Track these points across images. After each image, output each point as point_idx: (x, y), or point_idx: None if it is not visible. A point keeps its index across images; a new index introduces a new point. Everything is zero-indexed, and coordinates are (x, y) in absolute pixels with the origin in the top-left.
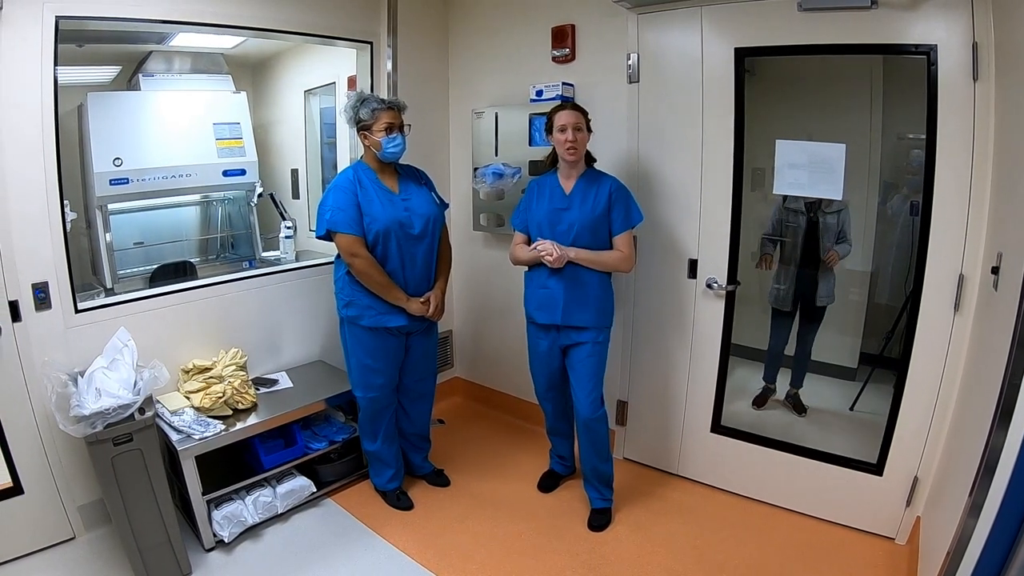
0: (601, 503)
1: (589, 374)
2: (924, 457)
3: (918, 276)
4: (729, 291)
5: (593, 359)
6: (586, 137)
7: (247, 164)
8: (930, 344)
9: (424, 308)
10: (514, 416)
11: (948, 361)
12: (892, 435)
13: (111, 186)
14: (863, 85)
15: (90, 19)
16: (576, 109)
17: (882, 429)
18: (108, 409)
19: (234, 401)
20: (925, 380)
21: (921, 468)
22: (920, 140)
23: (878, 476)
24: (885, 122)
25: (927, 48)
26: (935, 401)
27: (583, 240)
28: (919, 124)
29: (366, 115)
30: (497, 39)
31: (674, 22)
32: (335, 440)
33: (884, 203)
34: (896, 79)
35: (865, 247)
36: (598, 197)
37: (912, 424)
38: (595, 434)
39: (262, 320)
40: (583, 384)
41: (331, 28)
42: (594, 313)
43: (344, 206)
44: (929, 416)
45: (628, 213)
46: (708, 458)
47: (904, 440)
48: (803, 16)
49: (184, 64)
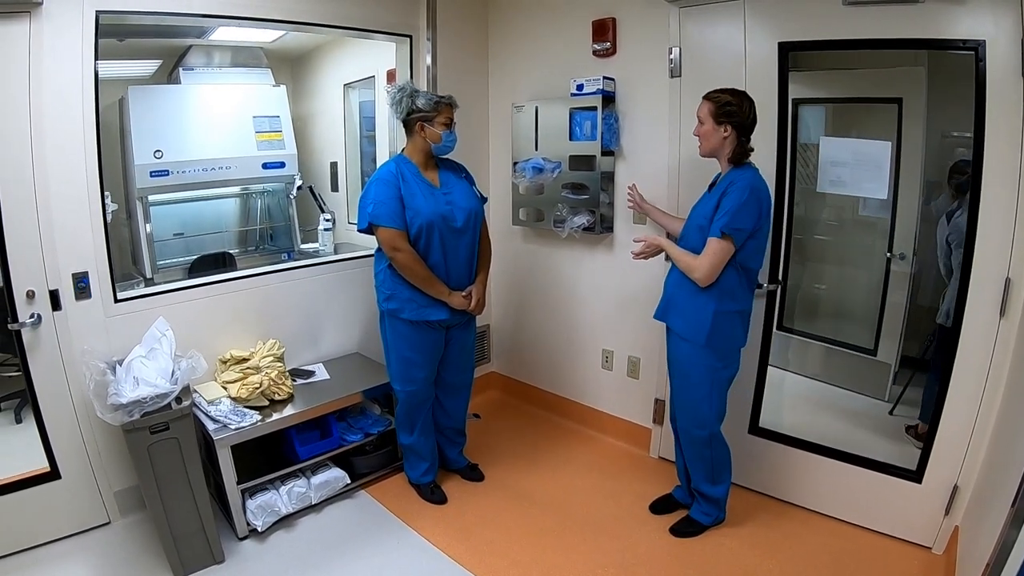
0: (698, 514)
1: (680, 386)
2: (965, 465)
3: (963, 279)
4: (770, 290)
5: (686, 375)
6: (711, 130)
7: (286, 157)
8: (974, 349)
9: (466, 302)
10: (551, 412)
11: (992, 367)
12: (933, 442)
13: (151, 178)
14: (907, 81)
15: (130, 13)
16: (707, 98)
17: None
18: (145, 398)
19: (271, 392)
20: (968, 386)
21: (961, 476)
22: (965, 138)
23: (917, 483)
24: (929, 119)
25: (975, 44)
26: (978, 408)
27: (691, 238)
28: (964, 122)
29: (426, 105)
30: (537, 32)
31: (716, 16)
32: (371, 432)
33: (928, 202)
34: (941, 75)
35: (907, 247)
36: (720, 193)
37: (954, 431)
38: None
39: (300, 312)
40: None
41: (370, 21)
42: (682, 320)
43: (386, 199)
44: (971, 423)
45: (729, 215)
46: (744, 460)
47: (945, 447)
48: (848, 10)
49: (224, 58)
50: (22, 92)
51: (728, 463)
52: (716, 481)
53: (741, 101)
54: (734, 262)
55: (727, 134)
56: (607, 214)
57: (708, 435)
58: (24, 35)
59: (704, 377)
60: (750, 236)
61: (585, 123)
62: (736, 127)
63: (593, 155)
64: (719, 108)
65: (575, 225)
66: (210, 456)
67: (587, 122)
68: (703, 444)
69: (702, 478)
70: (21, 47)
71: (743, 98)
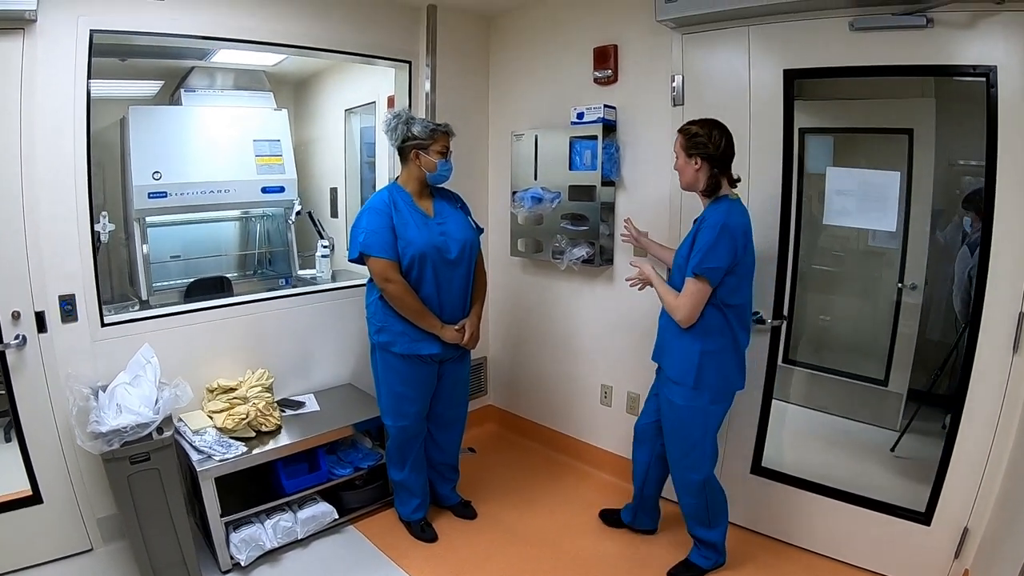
0: (697, 559)
1: (672, 430)
2: (976, 507)
3: (975, 313)
4: (774, 326)
5: (679, 419)
6: (684, 163)
7: (286, 181)
8: (986, 386)
9: (459, 336)
10: (548, 447)
11: (1005, 405)
12: (943, 483)
13: (149, 199)
14: (917, 112)
15: (125, 33)
16: (679, 131)
17: (927, 471)
18: (126, 427)
19: (257, 423)
20: (979, 424)
21: (972, 518)
22: (971, 167)
23: (925, 526)
24: (938, 147)
25: (985, 69)
26: (990, 447)
27: (675, 278)
28: (971, 151)
29: (422, 132)
30: (538, 59)
31: (720, 42)
32: (361, 467)
33: (935, 232)
34: (949, 105)
35: (917, 278)
36: (695, 232)
37: (964, 471)
38: (685, 498)
39: (293, 341)
40: (666, 439)
41: (369, 46)
42: (671, 362)
43: (378, 228)
44: (983, 463)
45: (700, 254)
46: (746, 500)
47: (955, 488)
48: (855, 36)
49: (226, 80)
50: (13, 109)
51: (724, 506)
52: (712, 525)
53: (710, 131)
54: (715, 300)
55: (698, 167)
56: (607, 246)
57: (703, 480)
58: (17, 52)
59: (697, 420)
60: (728, 273)
61: (585, 152)
62: (706, 159)
63: (593, 185)
64: (688, 140)
65: (574, 257)
66: (194, 487)
67: (587, 151)
68: (698, 489)
69: (697, 523)
70: (14, 64)
71: (713, 128)
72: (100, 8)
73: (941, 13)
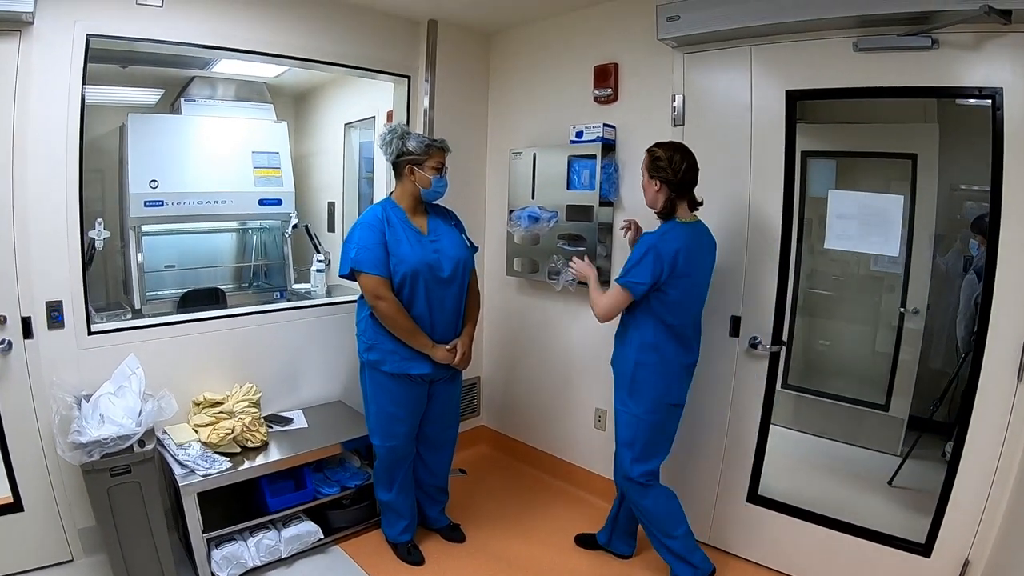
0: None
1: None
2: (977, 538)
3: (978, 341)
4: (774, 352)
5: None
6: (647, 183)
7: (283, 194)
8: (989, 415)
9: (450, 356)
10: (540, 470)
11: (1009, 434)
12: (943, 513)
13: (146, 207)
14: (920, 136)
15: (123, 39)
16: (646, 150)
17: (925, 500)
18: (107, 438)
19: (243, 439)
20: (982, 454)
21: (973, 550)
22: (973, 192)
23: (925, 557)
24: (941, 172)
25: (991, 91)
26: (992, 476)
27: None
28: (973, 175)
29: (417, 148)
30: (538, 77)
31: (722, 62)
32: (348, 486)
33: (935, 257)
34: (953, 130)
35: (919, 303)
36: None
37: (966, 501)
38: (631, 507)
39: (283, 355)
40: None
41: (369, 60)
42: (615, 367)
43: (370, 245)
44: (985, 493)
45: (626, 267)
46: (742, 529)
47: (956, 519)
48: (859, 57)
49: (227, 91)
50: (6, 112)
51: (674, 516)
52: (668, 534)
53: (671, 156)
54: (653, 314)
55: (658, 188)
56: (604, 267)
57: (623, 478)
58: (12, 54)
59: (627, 422)
60: (653, 290)
61: (584, 172)
62: (665, 182)
63: (591, 205)
64: (651, 162)
65: (570, 278)
66: (177, 501)
67: (586, 171)
68: (630, 492)
69: (653, 536)
70: (9, 66)
71: (675, 152)
72: (98, 13)
73: (947, 34)
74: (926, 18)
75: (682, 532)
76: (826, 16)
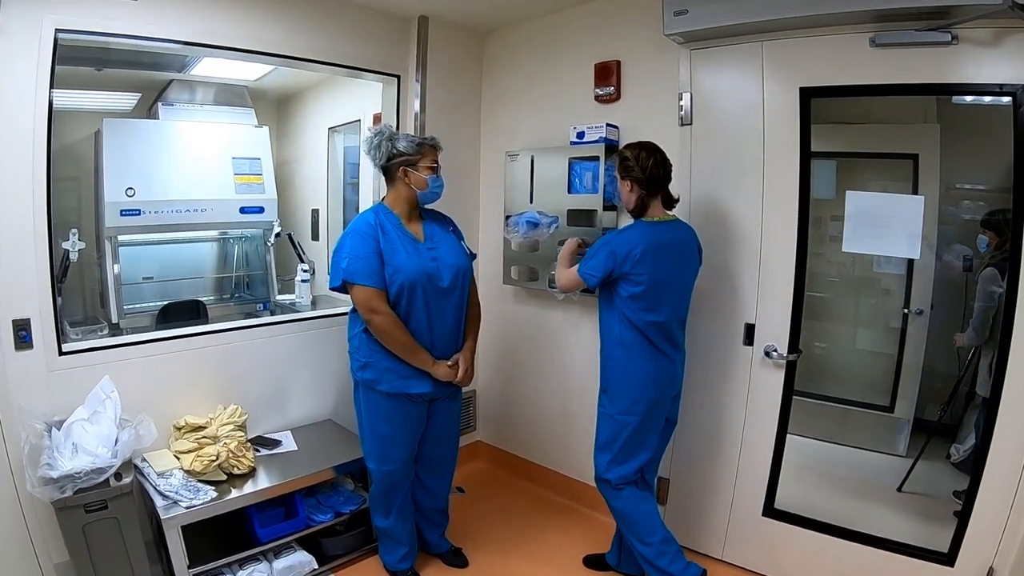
0: None
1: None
2: (1002, 546)
3: (1003, 342)
4: (790, 361)
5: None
6: (620, 184)
7: (265, 201)
8: (1015, 419)
9: (452, 373)
10: (543, 487)
11: None
12: (967, 522)
13: (122, 216)
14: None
15: (95, 35)
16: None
17: (935, 507)
18: (79, 472)
19: (229, 465)
20: (1008, 458)
21: (998, 558)
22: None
23: (949, 567)
24: (943, 171)
25: (1012, 88)
26: (1017, 483)
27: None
28: (975, 174)
29: (408, 148)
30: (535, 76)
31: (732, 59)
32: (342, 511)
33: (939, 258)
34: (952, 130)
35: (923, 303)
36: None
37: (990, 507)
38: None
39: (268, 373)
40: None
41: (357, 58)
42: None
43: (364, 254)
44: (1010, 500)
45: (585, 257)
46: (758, 544)
47: (980, 527)
48: (876, 53)
49: (206, 95)
50: None
51: (647, 521)
52: (642, 540)
53: (639, 155)
54: (617, 309)
55: (630, 188)
56: None
57: (599, 477)
58: None
59: (604, 424)
60: (611, 283)
61: (586, 174)
62: (635, 181)
63: (594, 209)
64: (620, 163)
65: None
66: (159, 534)
67: (588, 173)
68: (603, 493)
69: (630, 542)
70: None
71: (641, 150)
72: (68, 6)
73: (966, 30)
74: (945, 13)
75: (657, 539)
76: (842, 11)
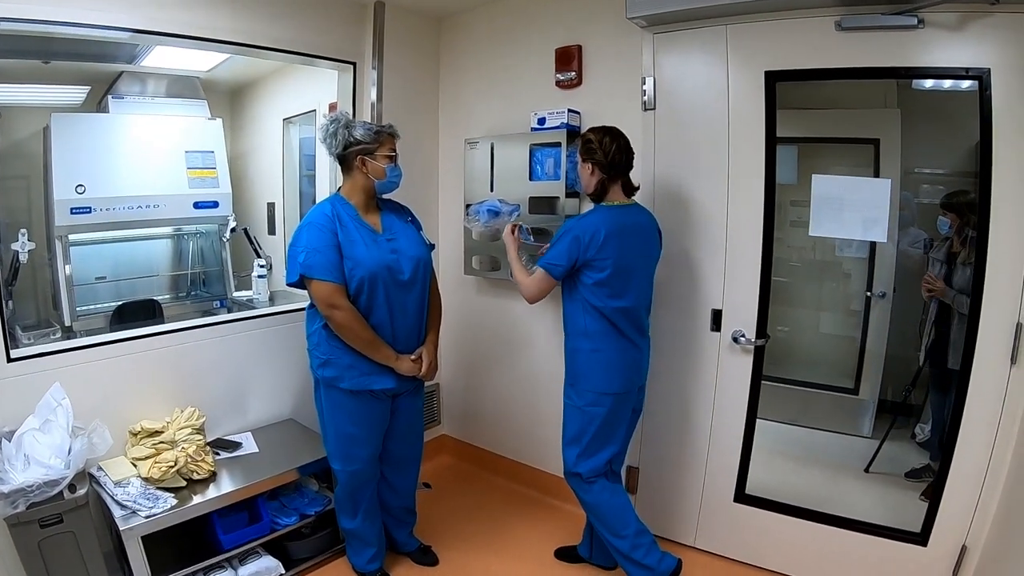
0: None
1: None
2: (974, 524)
3: (971, 324)
4: (758, 346)
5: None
6: (582, 168)
7: (220, 196)
8: (984, 399)
9: (416, 367)
10: (510, 480)
11: (1003, 418)
12: (939, 501)
13: (72, 215)
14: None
15: (37, 23)
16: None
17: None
18: (31, 486)
19: (188, 471)
20: (978, 439)
21: (970, 536)
22: (935, 175)
23: (922, 546)
24: (904, 155)
25: (979, 72)
26: (988, 461)
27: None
28: (934, 158)
29: (366, 136)
30: (494, 61)
31: (696, 42)
32: (307, 513)
33: (900, 241)
34: (912, 115)
35: (885, 287)
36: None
37: (962, 487)
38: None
39: (227, 373)
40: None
41: (312, 46)
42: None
43: (321, 247)
44: (981, 478)
45: (547, 250)
46: (730, 530)
47: (952, 506)
48: (842, 36)
49: (158, 87)
50: None
51: (621, 513)
52: (616, 533)
53: (602, 138)
54: (581, 298)
55: (591, 172)
56: None
57: (567, 475)
58: None
59: (571, 416)
60: (575, 272)
61: (547, 161)
62: (596, 164)
63: (556, 196)
64: (583, 146)
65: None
66: (119, 545)
67: (549, 160)
68: (572, 487)
69: (603, 535)
70: None
71: (605, 135)
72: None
73: (932, 14)
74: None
75: (631, 532)
76: None
